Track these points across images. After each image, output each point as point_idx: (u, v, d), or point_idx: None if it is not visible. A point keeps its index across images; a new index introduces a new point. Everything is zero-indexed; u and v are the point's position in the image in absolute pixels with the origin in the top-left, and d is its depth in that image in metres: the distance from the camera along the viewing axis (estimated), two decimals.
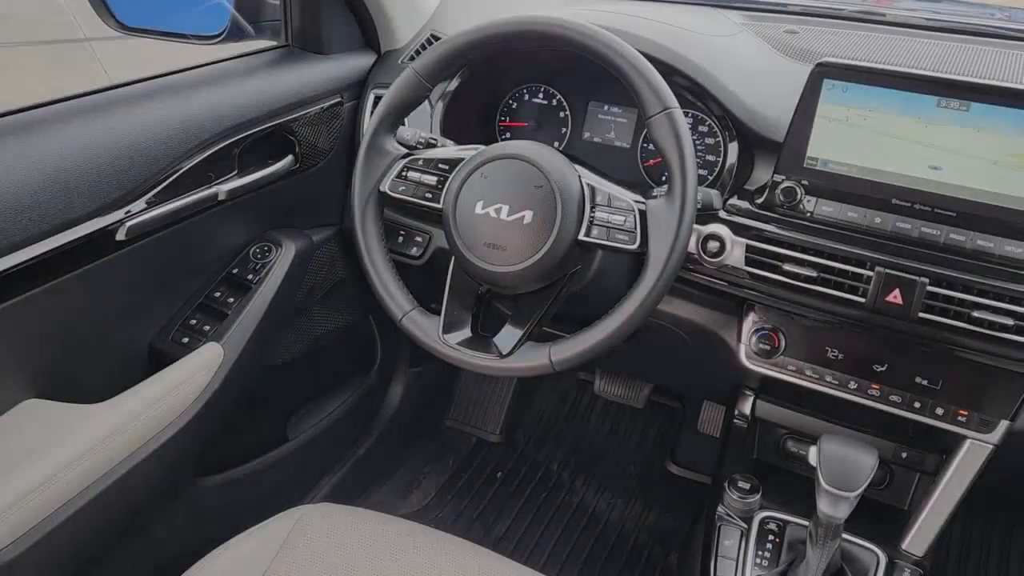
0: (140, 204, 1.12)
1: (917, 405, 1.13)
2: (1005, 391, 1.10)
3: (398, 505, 1.90)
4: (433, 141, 1.16)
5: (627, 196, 1.03)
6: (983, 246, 1.04)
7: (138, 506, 1.16)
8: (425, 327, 1.08)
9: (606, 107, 1.42)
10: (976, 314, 1.03)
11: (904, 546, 1.17)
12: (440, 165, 1.10)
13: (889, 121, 1.06)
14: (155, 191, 1.14)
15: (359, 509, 1.08)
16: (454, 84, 1.39)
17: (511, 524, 1.87)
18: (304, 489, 1.73)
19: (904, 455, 1.23)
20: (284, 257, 1.36)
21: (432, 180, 1.09)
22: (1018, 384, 1.09)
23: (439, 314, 1.09)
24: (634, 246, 1.00)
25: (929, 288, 1.04)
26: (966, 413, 1.11)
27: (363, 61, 1.49)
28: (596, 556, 1.80)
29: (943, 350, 1.10)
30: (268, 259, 1.36)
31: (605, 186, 1.04)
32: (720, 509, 1.21)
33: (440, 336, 1.07)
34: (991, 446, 1.11)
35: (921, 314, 1.05)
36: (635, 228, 1.00)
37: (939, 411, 1.12)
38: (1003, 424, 1.10)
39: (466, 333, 1.09)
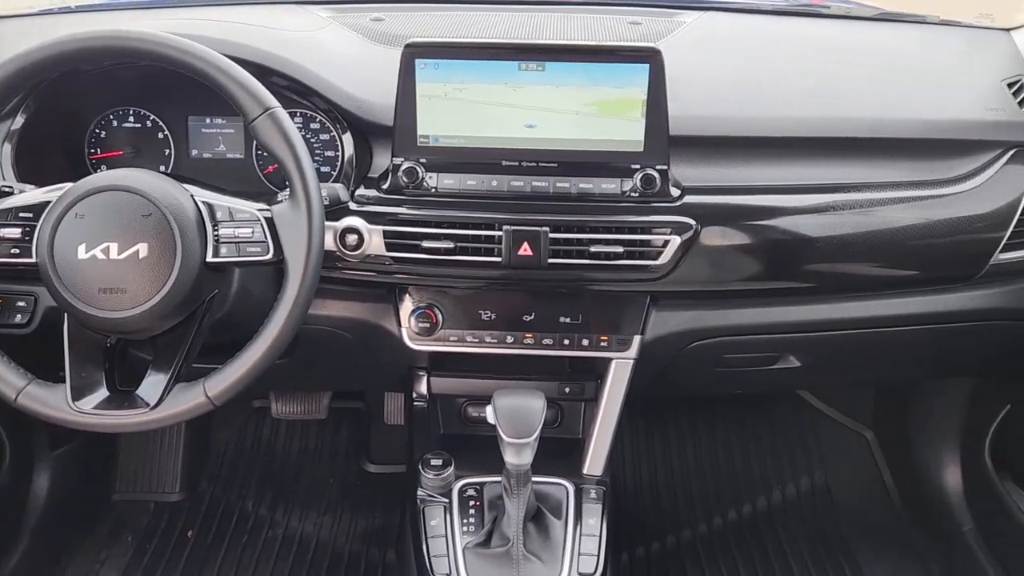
0: None
1: (566, 342, 1.24)
2: (632, 311, 1.25)
3: None
4: (7, 189, 1.02)
5: (249, 206, 0.99)
6: (585, 188, 1.15)
7: None
8: (49, 399, 0.96)
9: (208, 120, 1.33)
10: (593, 249, 1.14)
11: (585, 470, 1.28)
12: (21, 214, 0.97)
13: (483, 90, 1.13)
14: None
15: None
16: (20, 120, 1.21)
17: None
18: None
19: (567, 390, 1.35)
20: None
21: (15, 233, 0.96)
22: (640, 302, 1.25)
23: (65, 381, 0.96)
24: (269, 256, 0.97)
25: (551, 235, 1.14)
26: (606, 338, 1.24)
27: None
28: None
29: (577, 288, 1.22)
30: None
31: (223, 200, 0.99)
32: (420, 492, 1.23)
33: (71, 404, 0.95)
34: (632, 360, 1.26)
35: (551, 260, 1.15)
36: (266, 238, 0.97)
37: (584, 342, 1.24)
38: (636, 339, 1.25)
39: (103, 393, 0.98)
